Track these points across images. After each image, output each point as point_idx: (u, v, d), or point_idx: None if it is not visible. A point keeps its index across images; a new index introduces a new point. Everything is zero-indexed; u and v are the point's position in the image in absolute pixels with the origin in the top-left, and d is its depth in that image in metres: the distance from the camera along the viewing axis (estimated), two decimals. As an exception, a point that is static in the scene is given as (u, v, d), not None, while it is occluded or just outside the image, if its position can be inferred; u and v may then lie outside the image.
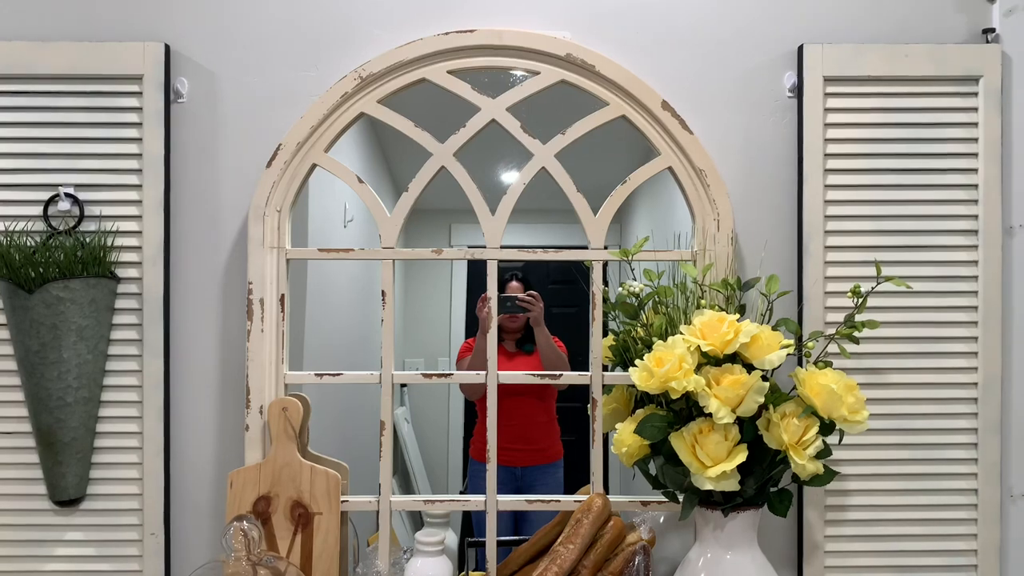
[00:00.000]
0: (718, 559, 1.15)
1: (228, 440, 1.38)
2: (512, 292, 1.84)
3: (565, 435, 1.92)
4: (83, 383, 1.30)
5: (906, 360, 1.36)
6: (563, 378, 1.36)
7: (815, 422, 1.11)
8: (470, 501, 1.36)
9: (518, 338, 1.88)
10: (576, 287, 2.05)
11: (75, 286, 1.27)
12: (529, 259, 1.35)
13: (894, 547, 1.35)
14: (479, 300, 1.54)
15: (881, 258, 1.31)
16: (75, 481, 1.32)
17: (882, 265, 1.22)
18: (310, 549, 1.29)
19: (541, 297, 1.77)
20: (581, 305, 1.41)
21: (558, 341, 1.82)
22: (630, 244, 1.27)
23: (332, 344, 1.67)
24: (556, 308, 1.90)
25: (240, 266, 1.36)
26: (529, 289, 1.86)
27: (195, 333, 1.38)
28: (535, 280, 1.89)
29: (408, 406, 2.04)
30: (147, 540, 1.34)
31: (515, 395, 1.43)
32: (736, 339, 1.11)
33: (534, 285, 1.86)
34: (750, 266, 1.37)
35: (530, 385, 1.79)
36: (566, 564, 1.23)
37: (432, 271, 2.05)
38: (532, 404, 1.86)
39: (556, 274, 2.01)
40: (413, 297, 2.00)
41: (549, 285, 1.96)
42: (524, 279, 1.88)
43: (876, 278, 1.15)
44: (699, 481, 1.09)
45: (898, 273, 1.31)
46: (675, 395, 1.10)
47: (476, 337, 1.74)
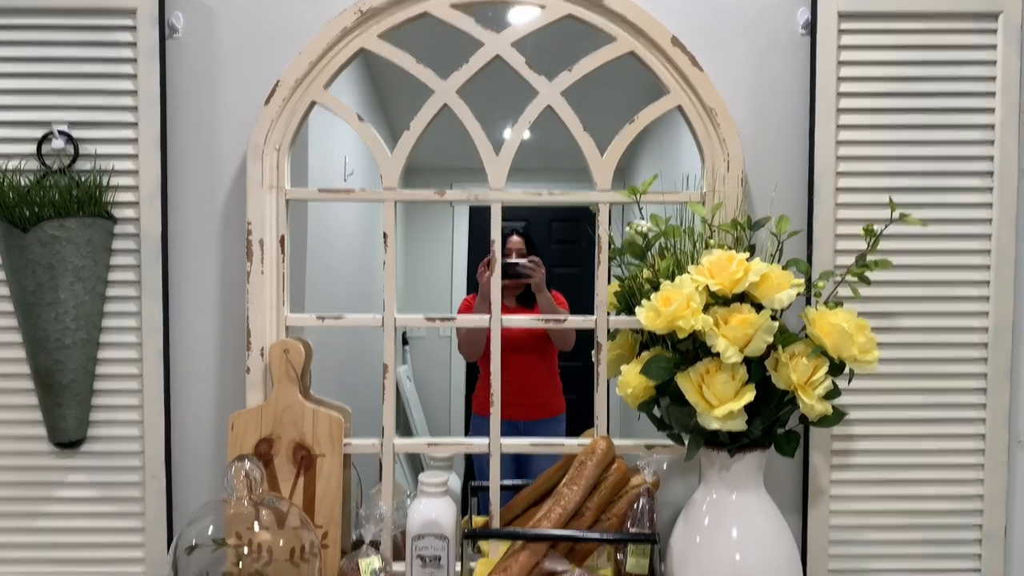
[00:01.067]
0: (723, 500, 1.14)
1: (229, 383, 1.36)
2: (513, 247, 1.81)
3: (567, 394, 1.91)
4: (81, 325, 1.28)
5: (916, 304, 1.33)
6: (568, 322, 1.34)
7: (824, 362, 1.09)
8: (473, 444, 1.35)
9: (519, 294, 1.86)
10: (579, 247, 2.03)
11: (71, 225, 1.25)
12: (534, 202, 1.32)
13: (900, 492, 1.35)
14: (480, 265, 1.51)
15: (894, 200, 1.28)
16: (75, 423, 1.30)
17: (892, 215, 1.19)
18: (313, 491, 1.28)
19: (543, 262, 1.74)
20: (584, 265, 1.39)
21: (559, 295, 1.80)
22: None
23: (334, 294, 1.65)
24: (559, 269, 1.88)
25: (239, 207, 1.34)
26: (531, 244, 1.83)
27: (194, 275, 1.36)
28: (537, 239, 1.86)
29: (410, 364, 2.04)
30: (149, 483, 1.33)
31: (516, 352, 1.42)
32: (745, 278, 1.08)
33: (536, 244, 1.84)
34: (760, 208, 1.34)
35: (531, 342, 1.79)
36: (570, 505, 1.22)
37: (433, 230, 2.03)
38: (534, 361, 1.85)
39: (559, 233, 1.99)
40: (414, 257, 1.98)
41: (552, 245, 1.94)
42: (526, 234, 1.85)
43: (889, 217, 1.12)
44: (705, 421, 1.08)
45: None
46: (682, 334, 1.08)
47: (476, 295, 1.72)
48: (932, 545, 1.35)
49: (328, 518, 1.27)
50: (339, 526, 1.27)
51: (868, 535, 1.35)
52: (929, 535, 1.35)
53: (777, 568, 1.12)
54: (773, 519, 1.14)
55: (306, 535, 1.21)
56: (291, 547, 1.19)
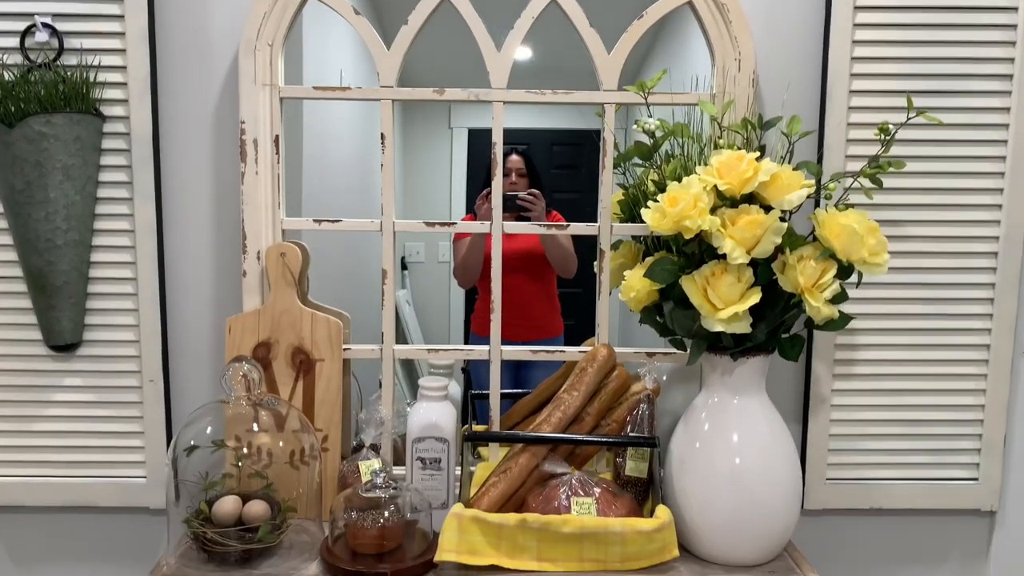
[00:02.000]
0: (725, 404, 1.14)
1: (225, 286, 1.34)
2: (513, 167, 1.76)
3: (566, 319, 1.89)
4: (72, 225, 1.25)
5: (927, 212, 1.30)
6: (571, 228, 1.31)
7: (833, 265, 1.07)
8: (474, 351, 1.33)
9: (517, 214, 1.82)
10: (579, 172, 1.99)
11: (58, 121, 1.21)
12: (537, 101, 1.27)
13: (901, 401, 1.34)
14: (479, 198, 1.47)
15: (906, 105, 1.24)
16: (70, 326, 1.29)
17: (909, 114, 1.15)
18: (312, 395, 1.27)
19: (542, 195, 1.69)
20: (584, 191, 1.36)
21: (559, 216, 1.76)
22: (640, 111, 1.19)
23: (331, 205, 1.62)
24: (559, 194, 1.84)
25: (232, 105, 1.29)
26: (530, 164, 1.78)
27: (187, 175, 1.32)
28: (538, 162, 1.81)
29: (409, 289, 2.02)
30: (146, 387, 1.33)
31: (514, 273, 1.39)
32: (755, 177, 1.05)
33: (536, 168, 1.79)
34: (770, 110, 1.30)
35: (529, 264, 1.76)
36: (570, 410, 1.21)
37: (432, 153, 1.98)
38: (531, 283, 1.82)
39: (559, 158, 1.95)
40: (412, 182, 1.95)
41: (552, 170, 1.89)
42: (525, 154, 1.80)
43: (907, 115, 1.08)
44: (709, 324, 1.06)
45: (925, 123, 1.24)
46: (688, 235, 1.06)
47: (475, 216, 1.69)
48: (931, 454, 1.36)
49: (328, 421, 1.27)
50: (339, 430, 1.27)
51: (867, 444, 1.35)
52: (928, 444, 1.35)
53: (777, 472, 1.11)
54: (774, 424, 1.14)
55: (306, 438, 1.20)
56: (291, 449, 1.19)
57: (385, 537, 1.10)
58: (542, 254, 1.73)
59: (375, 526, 1.09)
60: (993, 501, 1.36)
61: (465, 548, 1.08)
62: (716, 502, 1.11)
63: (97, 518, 1.39)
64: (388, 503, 1.10)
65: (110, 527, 1.39)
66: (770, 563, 1.14)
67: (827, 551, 1.41)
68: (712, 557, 1.13)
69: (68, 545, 1.40)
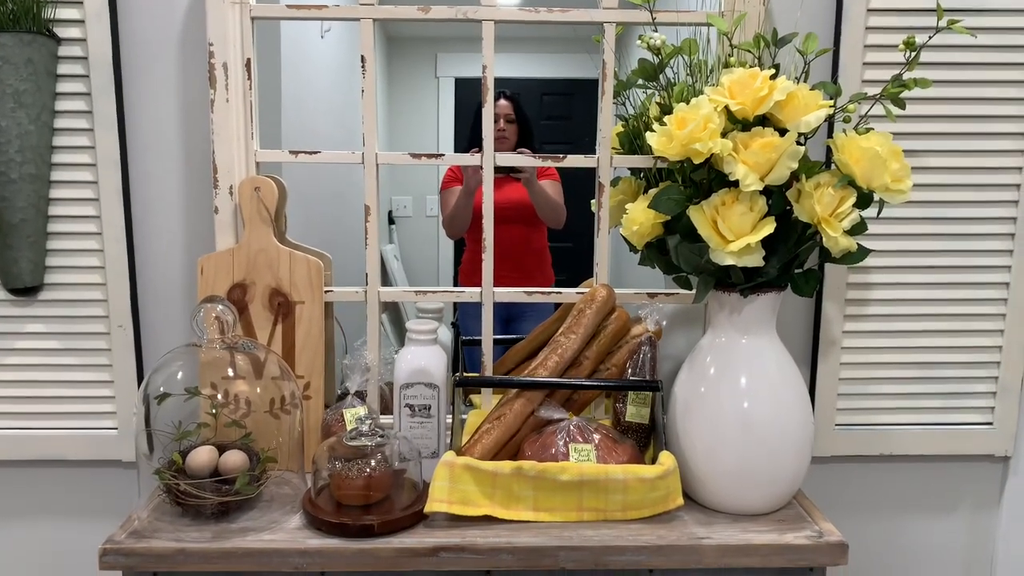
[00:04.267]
0: (733, 344, 1.06)
1: (196, 224, 1.25)
2: (501, 112, 1.67)
3: (558, 274, 1.83)
4: (27, 158, 1.15)
5: (947, 141, 1.23)
6: (567, 160, 1.22)
7: (852, 193, 0.99)
8: (464, 292, 1.26)
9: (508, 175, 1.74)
10: (570, 123, 1.91)
11: (6, 42, 1.10)
12: (530, 20, 1.17)
13: (915, 343, 1.28)
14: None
15: (928, 24, 1.15)
16: (29, 267, 1.20)
17: (929, 34, 1.06)
18: (292, 340, 1.19)
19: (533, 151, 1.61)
20: (575, 142, 1.28)
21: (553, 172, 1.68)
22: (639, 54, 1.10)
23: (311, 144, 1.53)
24: (549, 145, 1.76)
25: (199, 26, 1.18)
26: (519, 109, 1.69)
27: (152, 104, 1.22)
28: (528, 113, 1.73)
29: (397, 244, 1.97)
30: (115, 332, 1.24)
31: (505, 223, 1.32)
32: (770, 96, 0.96)
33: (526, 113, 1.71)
34: (783, 30, 1.20)
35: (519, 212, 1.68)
36: (567, 354, 1.14)
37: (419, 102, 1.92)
38: (522, 232, 1.75)
39: (550, 108, 1.88)
40: (398, 133, 1.89)
41: (542, 121, 1.83)
42: (513, 98, 1.71)
43: (935, 26, 0.99)
44: (719, 257, 0.98)
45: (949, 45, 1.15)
46: (698, 159, 0.97)
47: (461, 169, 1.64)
48: (944, 398, 1.30)
49: (310, 368, 1.19)
50: (322, 377, 1.20)
51: (879, 388, 1.29)
52: (942, 388, 1.29)
53: (788, 416, 1.05)
54: (785, 365, 1.07)
55: (286, 385, 1.13)
56: (270, 397, 1.12)
57: (372, 488, 1.02)
58: (531, 207, 1.67)
59: (361, 476, 1.02)
60: (1008, 446, 1.31)
61: (457, 498, 1.01)
62: (723, 448, 1.04)
63: (66, 472, 1.31)
64: (375, 452, 1.03)
65: (80, 481, 1.32)
66: (779, 511, 1.08)
67: (834, 499, 1.35)
68: (718, 505, 1.07)
69: (36, 500, 1.33)
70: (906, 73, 1.01)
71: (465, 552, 0.97)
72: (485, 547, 0.97)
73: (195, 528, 1.01)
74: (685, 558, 0.98)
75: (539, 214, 1.68)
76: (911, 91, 1.01)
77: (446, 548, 0.97)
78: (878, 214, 1.03)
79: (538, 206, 1.66)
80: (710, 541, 0.99)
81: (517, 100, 1.72)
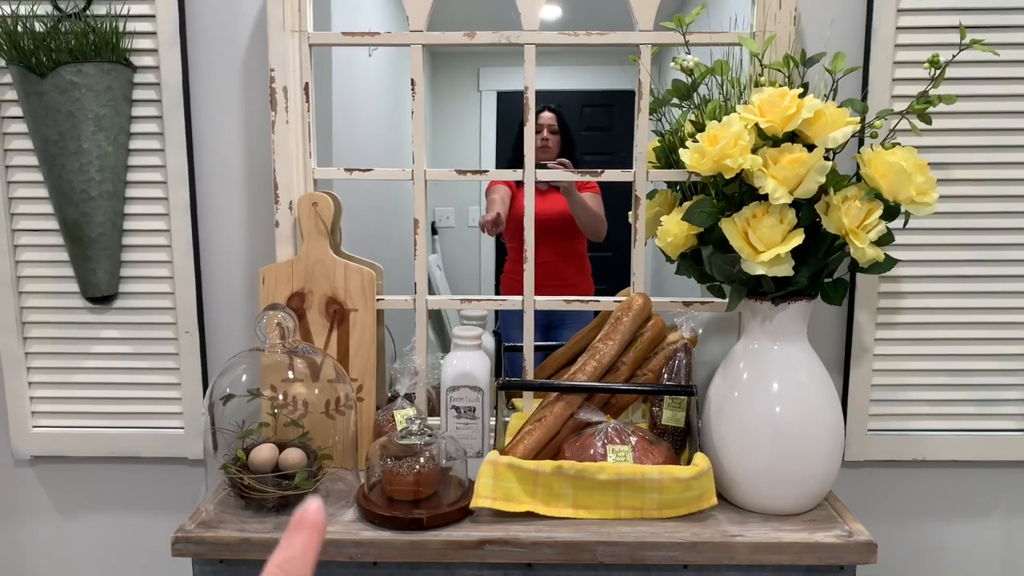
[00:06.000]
0: (765, 351, 1.11)
1: (258, 237, 1.34)
2: (545, 123, 1.73)
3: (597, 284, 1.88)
4: (106, 176, 1.25)
5: (975, 153, 1.26)
6: (605, 175, 1.28)
7: (878, 205, 1.03)
8: (507, 301, 1.32)
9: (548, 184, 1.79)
10: (610, 134, 1.95)
11: (89, 71, 1.20)
12: (569, 43, 1.24)
13: (946, 351, 1.31)
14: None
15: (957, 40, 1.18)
16: (106, 278, 1.30)
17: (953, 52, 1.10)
18: (347, 345, 1.27)
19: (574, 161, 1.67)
20: (615, 152, 1.33)
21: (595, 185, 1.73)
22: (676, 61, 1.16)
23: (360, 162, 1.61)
24: (589, 156, 1.82)
25: (261, 52, 1.27)
26: (563, 121, 1.75)
27: (218, 125, 1.31)
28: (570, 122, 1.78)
29: (440, 254, 2.03)
30: (182, 338, 1.33)
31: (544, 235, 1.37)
32: (799, 114, 1.01)
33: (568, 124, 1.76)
34: (812, 49, 1.25)
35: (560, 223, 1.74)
36: (605, 359, 1.20)
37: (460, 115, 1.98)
38: (562, 243, 1.81)
39: (590, 119, 1.92)
40: (441, 145, 1.94)
41: (583, 132, 1.87)
42: (557, 111, 1.77)
43: (959, 44, 1.03)
44: (750, 267, 1.03)
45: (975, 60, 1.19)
46: (729, 174, 1.02)
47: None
48: (977, 404, 1.32)
49: (363, 371, 1.26)
50: (374, 380, 1.27)
51: (910, 394, 1.32)
52: (974, 395, 1.32)
53: (818, 419, 1.09)
54: (815, 371, 1.11)
55: (341, 387, 1.20)
56: (326, 399, 1.19)
57: (421, 484, 1.09)
58: (572, 220, 1.72)
59: (411, 472, 1.09)
60: (1041, 453, 1.33)
61: (501, 494, 1.07)
62: (755, 450, 1.09)
63: (137, 468, 1.41)
64: (423, 450, 1.10)
65: (150, 477, 1.41)
66: (810, 512, 1.12)
67: (867, 504, 1.38)
68: (750, 505, 1.11)
69: (109, 494, 1.43)
70: (932, 90, 1.05)
71: (508, 545, 1.03)
72: (527, 541, 1.03)
73: (257, 520, 1.09)
74: (718, 554, 1.03)
75: (579, 225, 1.72)
76: (936, 107, 1.05)
77: (491, 541, 1.03)
78: (904, 225, 1.07)
79: (577, 217, 1.71)
80: (742, 539, 1.03)
81: (560, 112, 1.78)
